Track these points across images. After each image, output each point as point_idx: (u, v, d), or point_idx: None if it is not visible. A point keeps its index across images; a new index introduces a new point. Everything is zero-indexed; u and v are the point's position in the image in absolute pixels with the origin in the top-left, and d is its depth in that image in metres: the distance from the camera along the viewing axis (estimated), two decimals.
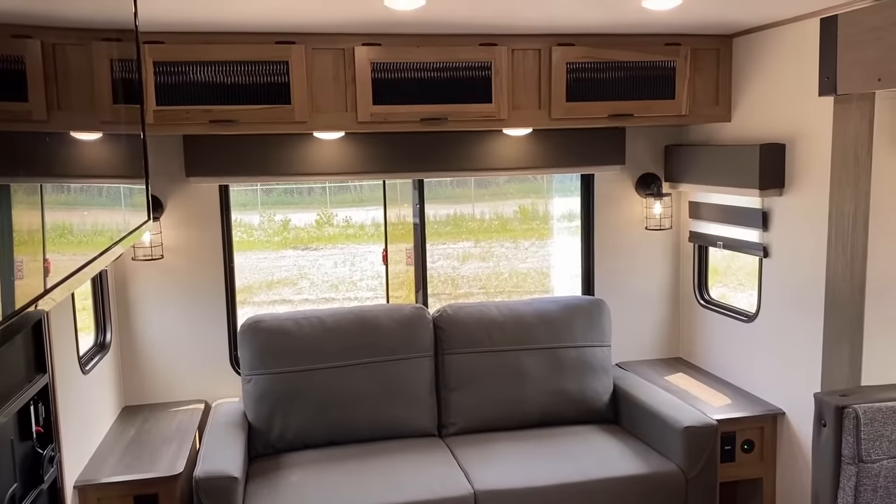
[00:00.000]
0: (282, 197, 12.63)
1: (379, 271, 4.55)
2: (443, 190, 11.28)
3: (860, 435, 2.63)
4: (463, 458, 3.29)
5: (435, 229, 11.17)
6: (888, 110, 2.76)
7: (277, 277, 10.19)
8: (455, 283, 9.26)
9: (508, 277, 9.28)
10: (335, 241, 11.57)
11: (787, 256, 3.20)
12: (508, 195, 9.96)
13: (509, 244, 10.28)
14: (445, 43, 3.26)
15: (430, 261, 10.28)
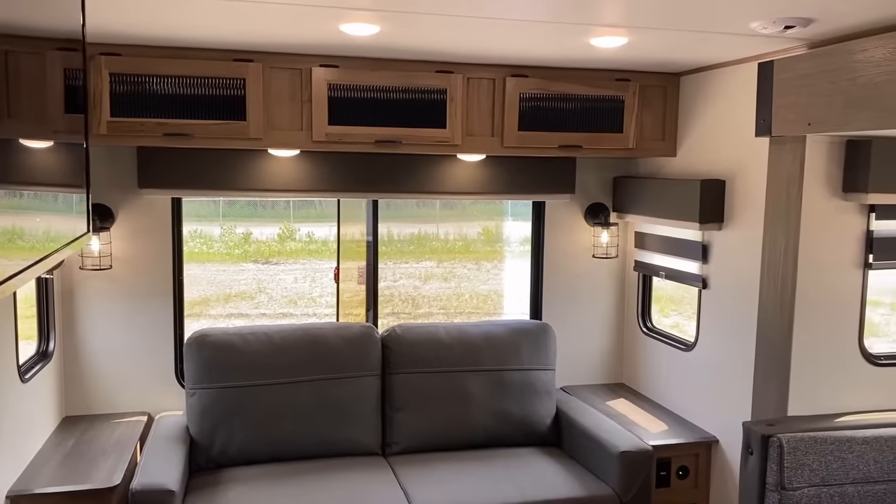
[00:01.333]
0: (244, 209, 12.53)
1: (341, 288, 4.58)
2: (408, 209, 11.32)
3: (783, 463, 2.74)
4: (404, 478, 3.32)
5: (398, 248, 11.22)
6: (817, 153, 2.90)
7: (235, 291, 10.11)
8: (416, 303, 9.29)
9: (469, 299, 9.35)
10: (296, 256, 11.52)
11: (724, 288, 3.32)
12: (473, 216, 10.04)
13: (472, 265, 10.34)
14: (402, 68, 3.33)
15: (392, 279, 10.25)
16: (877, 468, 2.85)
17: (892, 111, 2.35)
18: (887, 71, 2.36)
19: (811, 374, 3.00)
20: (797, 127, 2.76)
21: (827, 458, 2.80)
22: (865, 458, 2.84)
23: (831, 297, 3.00)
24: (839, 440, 2.82)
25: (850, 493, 2.83)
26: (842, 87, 2.53)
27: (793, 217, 2.91)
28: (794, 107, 2.76)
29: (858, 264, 3.02)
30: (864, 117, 2.45)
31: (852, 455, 2.82)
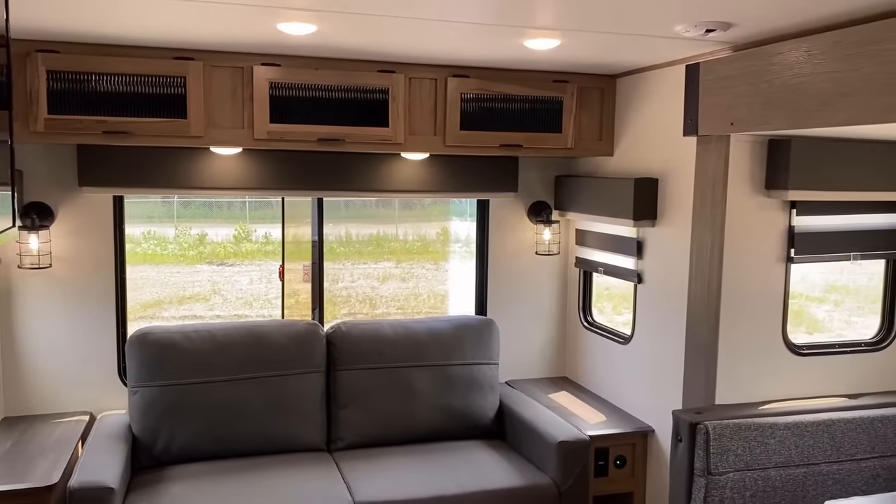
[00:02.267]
0: (199, 210, 12.37)
1: (295, 289, 4.59)
2: (367, 210, 11.30)
3: (710, 449, 2.85)
4: (348, 472, 3.36)
5: (357, 249, 11.17)
6: (741, 152, 3.03)
7: (190, 293, 10.00)
8: (373, 303, 9.31)
9: (427, 298, 9.40)
10: (252, 257, 11.42)
11: (657, 283, 3.44)
12: (433, 217, 10.08)
13: (430, 265, 10.38)
14: (344, 67, 3.38)
15: (350, 280, 10.24)
16: (797, 452, 2.99)
17: (805, 111, 2.47)
18: (800, 73, 2.49)
19: (737, 364, 3.13)
20: (721, 127, 2.88)
21: (751, 444, 2.93)
22: (787, 443, 2.97)
23: (756, 291, 3.14)
24: (762, 426, 2.95)
25: (772, 477, 2.96)
26: (760, 88, 2.66)
27: (718, 214, 3.04)
28: (717, 107, 2.88)
29: (781, 259, 3.15)
30: (781, 117, 2.58)
31: (774, 440, 2.96)
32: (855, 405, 3.15)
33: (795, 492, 2.99)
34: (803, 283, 6.54)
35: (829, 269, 6.36)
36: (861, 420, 3.07)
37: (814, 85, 2.43)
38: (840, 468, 3.05)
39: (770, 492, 2.96)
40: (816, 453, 3.01)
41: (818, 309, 6.81)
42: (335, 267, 10.04)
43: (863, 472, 3.07)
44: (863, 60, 2.25)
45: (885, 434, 3.10)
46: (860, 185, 3.08)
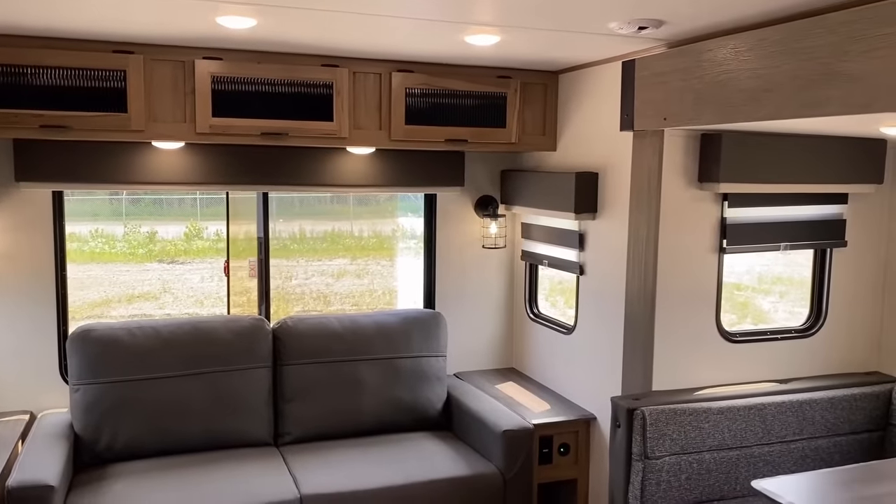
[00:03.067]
0: (149, 208, 12.14)
1: (247, 287, 4.57)
2: (321, 206, 11.22)
3: (646, 434, 2.94)
4: (295, 466, 3.38)
5: (311, 245, 11.11)
6: (675, 146, 3.12)
7: (139, 291, 9.81)
8: (327, 300, 9.25)
9: (382, 294, 9.38)
10: (204, 254, 11.24)
11: (598, 274, 3.52)
12: (387, 213, 10.06)
13: (386, 262, 10.36)
14: (287, 61, 3.38)
15: (304, 277, 10.14)
16: (730, 436, 3.11)
17: (732, 106, 2.57)
18: (728, 70, 2.58)
19: (673, 351, 3.24)
20: (655, 122, 2.97)
21: (685, 428, 3.03)
22: (720, 426, 3.09)
23: (690, 280, 3.24)
24: (697, 411, 3.05)
25: (706, 460, 3.07)
26: (691, 84, 2.75)
27: (654, 206, 3.13)
28: (652, 103, 2.97)
29: (714, 249, 3.27)
30: (710, 112, 2.67)
31: (708, 424, 3.06)
32: (785, 389, 3.28)
33: (728, 473, 3.11)
34: (749, 275, 6.73)
35: (776, 261, 6.56)
36: (790, 404, 3.20)
37: (740, 81, 2.53)
38: (771, 450, 3.17)
39: (704, 474, 3.07)
40: (748, 436, 3.13)
41: (764, 300, 7.01)
42: (289, 264, 9.96)
43: (792, 453, 3.20)
44: (784, 58, 2.35)
45: (813, 417, 3.23)
46: (788, 178, 3.20)
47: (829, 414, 3.25)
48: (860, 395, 3.31)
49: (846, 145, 3.28)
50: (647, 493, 2.99)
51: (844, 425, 3.28)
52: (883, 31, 2.02)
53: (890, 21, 2.00)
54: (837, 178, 3.29)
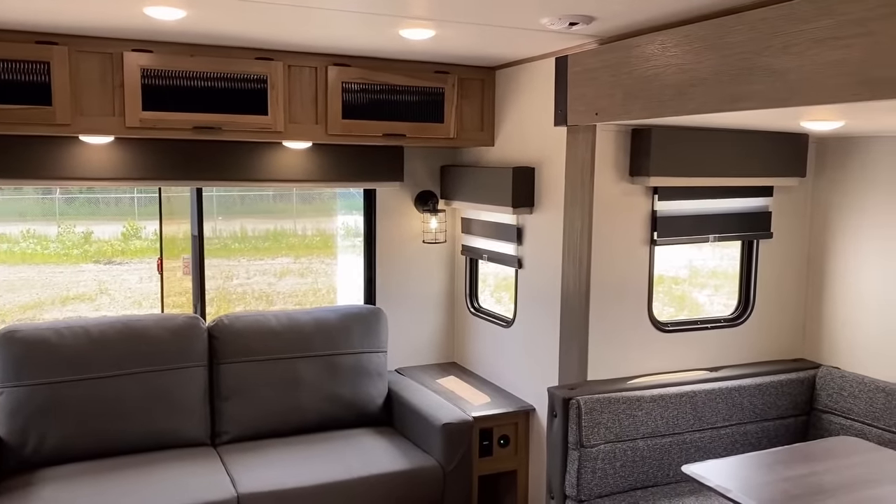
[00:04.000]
0: (84, 207, 11.76)
1: (187, 287, 4.47)
2: (264, 204, 11.01)
3: (581, 423, 2.99)
4: (232, 465, 3.33)
5: (253, 244, 10.88)
6: (607, 141, 3.18)
7: (74, 293, 9.51)
8: (270, 300, 9.13)
9: (326, 293, 9.30)
10: (143, 254, 10.97)
11: (535, 267, 3.57)
12: (331, 211, 9.95)
13: (329, 260, 10.25)
14: (220, 54, 3.32)
15: (246, 276, 9.96)
16: (663, 423, 3.19)
17: (660, 101, 2.63)
18: (655, 65, 2.64)
19: (607, 341, 3.30)
20: (587, 117, 3.02)
21: (620, 417, 3.09)
22: (653, 414, 3.16)
23: (623, 272, 3.31)
24: (630, 400, 3.12)
25: (640, 447, 3.14)
26: (621, 79, 2.81)
27: (587, 200, 3.19)
28: (584, 98, 3.02)
29: (645, 241, 3.34)
30: (639, 107, 2.73)
31: (642, 412, 3.14)
32: (715, 377, 3.38)
33: (662, 460, 3.19)
34: (685, 269, 6.92)
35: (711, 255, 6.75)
36: (720, 391, 3.30)
37: (667, 76, 2.59)
38: (702, 436, 3.26)
39: (638, 461, 3.14)
40: (680, 423, 3.21)
41: (700, 294, 7.21)
42: (230, 263, 9.80)
43: (722, 438, 3.30)
44: (708, 53, 2.42)
45: (742, 403, 3.34)
46: (716, 172, 3.30)
47: (756, 400, 3.36)
48: (786, 381, 3.43)
49: (771, 140, 3.40)
50: (583, 481, 3.04)
51: (771, 410, 3.39)
52: (799, 28, 2.09)
53: (805, 17, 2.07)
54: (763, 172, 3.41)
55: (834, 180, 3.56)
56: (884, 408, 3.13)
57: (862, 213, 3.43)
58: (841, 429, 3.29)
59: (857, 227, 3.46)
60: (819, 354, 3.67)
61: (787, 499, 2.26)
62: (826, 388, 3.39)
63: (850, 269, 3.50)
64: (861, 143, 3.42)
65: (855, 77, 1.94)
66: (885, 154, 3.31)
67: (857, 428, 3.22)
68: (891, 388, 3.14)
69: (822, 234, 3.63)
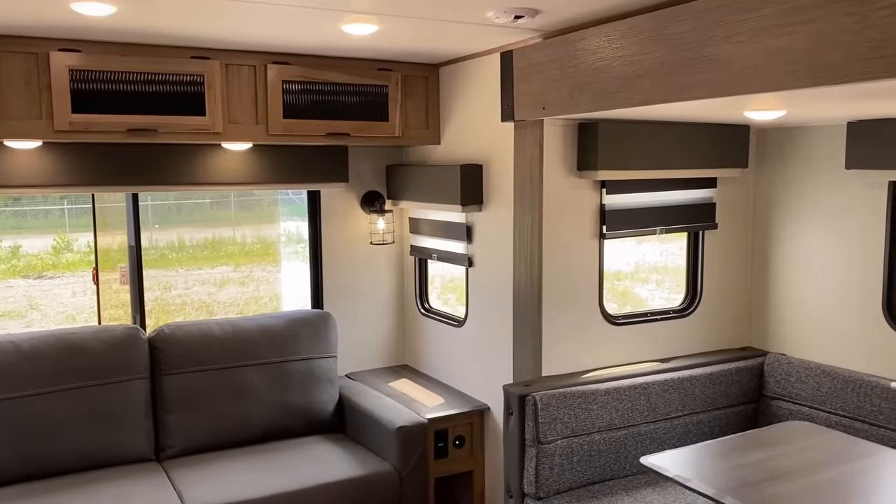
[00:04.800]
0: (9, 220, 11.25)
1: (123, 300, 4.30)
2: (201, 213, 10.72)
3: (538, 419, 2.97)
4: (179, 480, 3.20)
5: (191, 254, 10.59)
6: (554, 135, 3.18)
7: (1, 310, 9.09)
8: (210, 310, 8.88)
9: (269, 301, 9.11)
10: (75, 268, 10.54)
11: (486, 266, 3.54)
12: (272, 217, 9.75)
13: (271, 267, 10.03)
14: (154, 53, 3.20)
15: (185, 287, 9.68)
16: (618, 416, 3.19)
17: (607, 94, 2.63)
18: (601, 58, 2.64)
19: (560, 336, 3.29)
20: (534, 112, 3.01)
21: (576, 411, 3.08)
22: (608, 407, 3.16)
23: (574, 267, 3.31)
24: (585, 394, 3.11)
25: (596, 441, 3.14)
26: (568, 73, 2.80)
27: (536, 196, 3.17)
28: (530, 93, 3.01)
29: (595, 235, 3.35)
30: (586, 100, 2.73)
31: (597, 406, 3.13)
32: (666, 368, 3.41)
33: (618, 453, 3.19)
34: (628, 266, 7.02)
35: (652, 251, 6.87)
36: (672, 381, 3.32)
37: (614, 68, 2.59)
38: (656, 427, 3.28)
39: (595, 455, 3.13)
40: (635, 415, 3.22)
41: (642, 289, 7.33)
42: (167, 274, 9.50)
43: (676, 429, 3.33)
44: (654, 44, 2.42)
45: (694, 393, 3.37)
46: (662, 164, 3.32)
47: (708, 389, 3.39)
48: (735, 369, 3.48)
49: (714, 132, 3.44)
50: (542, 477, 3.02)
51: (722, 399, 3.44)
52: (741, 17, 2.11)
53: (749, 6, 2.09)
54: (707, 164, 3.45)
55: (774, 170, 3.63)
56: (830, 391, 3.20)
57: (802, 201, 3.51)
58: (790, 414, 3.35)
59: (798, 216, 3.54)
60: (765, 342, 3.74)
61: (745, 485, 2.27)
62: (774, 374, 3.45)
63: (793, 256, 3.57)
64: (799, 132, 3.49)
65: (799, 64, 1.96)
66: (822, 143, 3.39)
67: (806, 412, 3.28)
68: (836, 372, 3.21)
69: (765, 223, 3.70)
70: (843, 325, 3.34)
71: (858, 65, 1.80)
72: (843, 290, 3.34)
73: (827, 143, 3.36)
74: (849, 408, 3.13)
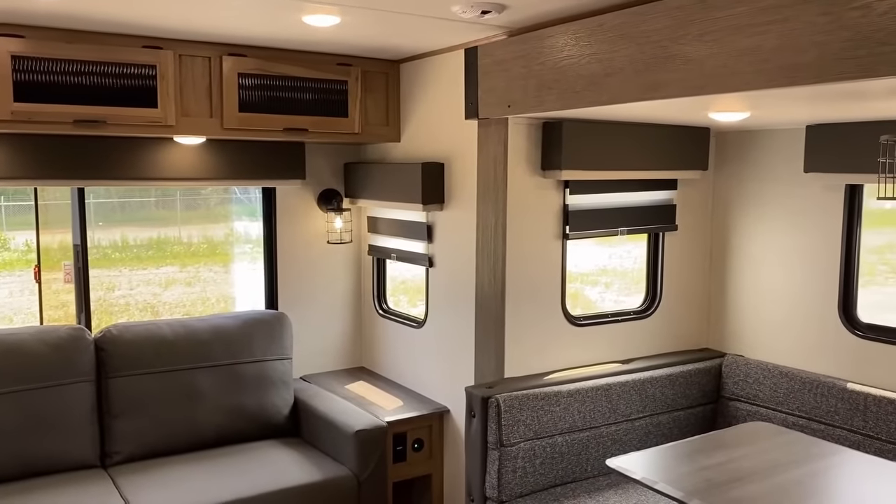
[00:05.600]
0: None
1: (64, 300, 4.10)
2: (145, 212, 10.44)
3: (501, 422, 2.92)
4: (126, 488, 3.06)
5: (135, 254, 10.31)
6: (518, 134, 3.14)
7: None
8: (155, 311, 8.61)
9: (216, 302, 8.87)
10: (12, 267, 10.12)
11: (447, 266, 3.48)
12: (219, 218, 9.51)
13: (219, 268, 9.80)
14: (104, 41, 3.05)
15: (128, 287, 9.41)
16: (580, 417, 3.17)
17: (574, 92, 2.60)
18: (569, 56, 2.61)
19: (523, 337, 3.26)
20: (499, 109, 2.96)
21: (538, 413, 3.05)
22: (571, 409, 3.14)
23: (537, 267, 3.28)
24: (548, 395, 3.08)
25: (559, 443, 3.11)
26: (534, 70, 2.76)
27: (501, 195, 3.13)
28: (495, 90, 2.96)
29: (558, 235, 3.32)
30: (553, 99, 2.69)
31: (560, 408, 3.10)
32: (628, 369, 3.40)
33: (580, 455, 3.17)
34: (577, 268, 7.06)
35: (601, 254, 6.92)
36: (633, 383, 3.32)
37: (581, 66, 2.56)
38: (617, 429, 3.27)
39: (557, 457, 3.10)
40: (597, 417, 3.21)
41: (592, 291, 7.38)
42: (111, 274, 9.19)
43: (637, 430, 3.33)
44: (623, 42, 2.40)
45: (654, 394, 3.37)
46: (625, 165, 3.32)
47: (668, 390, 3.40)
48: (694, 370, 3.50)
49: (675, 134, 3.46)
50: (504, 481, 2.97)
51: (682, 400, 3.45)
52: (714, 16, 2.10)
53: (721, 5, 2.08)
54: (668, 165, 3.46)
55: (733, 173, 3.66)
56: (787, 392, 3.24)
57: (760, 203, 3.55)
58: (748, 415, 3.38)
59: (756, 218, 3.58)
60: (723, 343, 3.77)
61: (711, 487, 2.27)
62: (732, 375, 3.48)
63: (751, 259, 3.61)
64: (759, 136, 3.53)
65: (771, 63, 1.95)
66: (781, 146, 3.44)
67: (763, 413, 3.32)
68: (793, 374, 3.25)
69: (723, 225, 3.74)
70: (799, 326, 3.38)
71: (832, 65, 1.80)
72: (800, 292, 3.38)
73: (785, 147, 3.41)
74: (806, 408, 3.17)
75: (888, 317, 3.17)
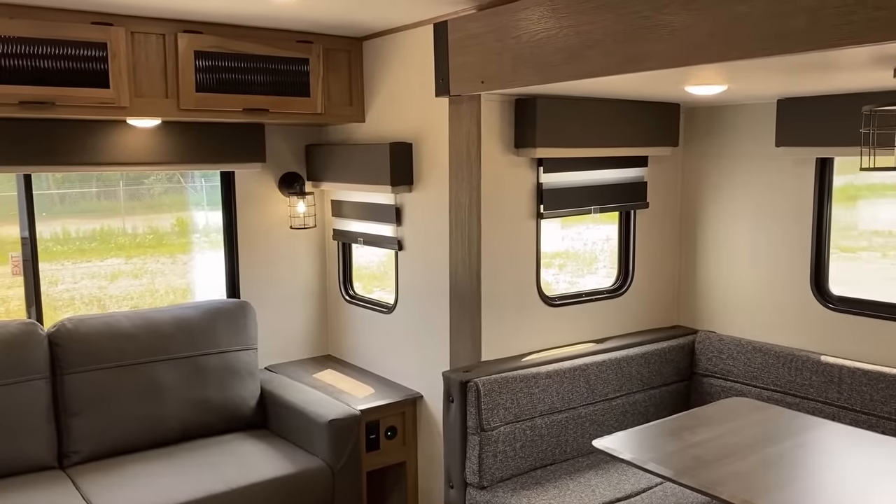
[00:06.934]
0: None
1: (5, 296, 3.88)
2: (87, 203, 10.05)
3: (481, 406, 2.85)
4: (88, 489, 2.91)
5: (78, 246, 9.93)
6: (491, 111, 3.06)
7: None
8: (102, 304, 8.32)
9: (165, 293, 8.61)
10: None
11: (418, 248, 3.39)
12: (164, 207, 9.21)
13: (166, 259, 9.51)
14: (49, 17, 2.86)
15: (72, 281, 9.13)
16: (559, 399, 3.13)
17: (552, 66, 2.53)
18: (545, 28, 2.53)
19: (499, 319, 3.19)
20: (472, 86, 2.87)
21: (518, 396, 2.99)
22: (549, 391, 3.09)
23: (512, 247, 3.21)
24: (527, 377, 3.03)
25: (539, 425, 3.06)
26: (508, 45, 2.68)
27: (474, 174, 3.05)
28: (468, 66, 2.87)
29: (532, 215, 3.26)
30: (529, 73, 2.61)
31: (538, 389, 3.06)
32: (603, 349, 3.37)
33: (560, 436, 3.13)
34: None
35: (555, 237, 6.97)
36: (610, 362, 3.29)
37: (560, 39, 2.49)
38: (595, 409, 3.24)
39: (537, 440, 3.06)
40: (575, 397, 3.17)
41: (546, 272, 7.44)
42: (53, 268, 8.85)
43: (614, 409, 3.30)
44: (603, 12, 2.33)
45: (630, 373, 3.35)
46: (597, 142, 3.27)
47: (643, 369, 3.38)
48: (667, 348, 3.49)
49: (646, 110, 3.42)
50: (485, 466, 2.92)
51: (657, 378, 3.44)
52: None
53: None
54: (640, 142, 3.43)
55: (703, 149, 3.65)
56: (762, 367, 3.25)
57: (730, 180, 3.55)
58: (722, 391, 3.38)
59: (727, 194, 3.57)
60: (694, 320, 3.78)
61: (701, 464, 2.24)
62: (705, 352, 3.48)
63: (720, 235, 3.61)
64: (728, 110, 3.52)
65: (761, 30, 1.91)
66: (751, 121, 3.43)
67: (738, 388, 3.33)
68: (767, 348, 3.26)
69: (694, 201, 3.73)
70: (772, 300, 3.39)
71: (825, 32, 1.76)
72: (771, 266, 3.39)
73: (756, 121, 3.40)
74: (780, 382, 3.18)
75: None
